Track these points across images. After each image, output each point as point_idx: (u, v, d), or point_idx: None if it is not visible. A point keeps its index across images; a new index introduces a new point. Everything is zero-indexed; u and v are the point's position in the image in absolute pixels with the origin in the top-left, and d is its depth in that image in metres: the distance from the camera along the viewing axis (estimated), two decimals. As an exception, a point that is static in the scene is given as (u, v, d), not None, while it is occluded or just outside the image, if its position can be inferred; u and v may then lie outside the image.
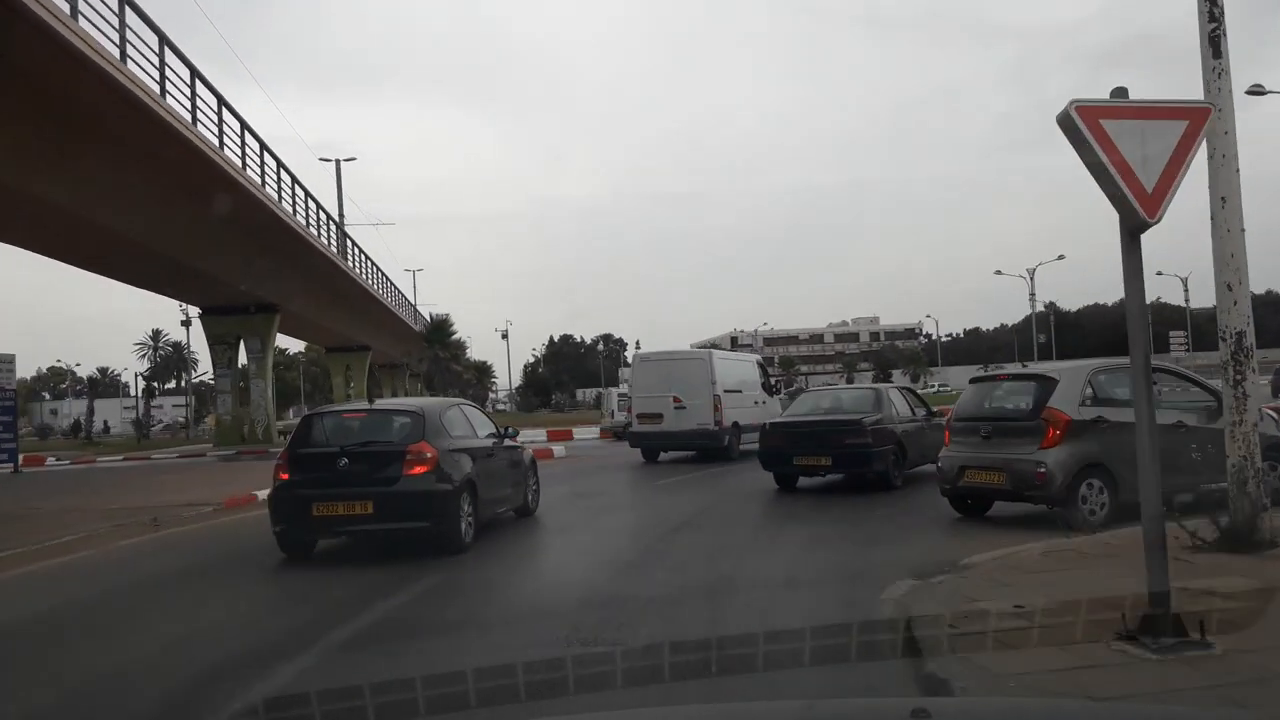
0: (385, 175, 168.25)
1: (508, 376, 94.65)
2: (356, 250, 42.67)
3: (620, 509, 13.38)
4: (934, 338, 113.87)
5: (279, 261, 31.12)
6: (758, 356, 24.33)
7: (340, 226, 43.00)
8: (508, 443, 11.22)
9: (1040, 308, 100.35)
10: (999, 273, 60.43)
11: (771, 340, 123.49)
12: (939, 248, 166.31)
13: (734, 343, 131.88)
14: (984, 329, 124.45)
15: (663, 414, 19.43)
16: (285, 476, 9.11)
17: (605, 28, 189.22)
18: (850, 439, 12.67)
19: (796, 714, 2.05)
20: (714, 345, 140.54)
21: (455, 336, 52.04)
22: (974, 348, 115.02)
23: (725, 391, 19.46)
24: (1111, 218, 4.65)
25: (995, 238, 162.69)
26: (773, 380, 22.86)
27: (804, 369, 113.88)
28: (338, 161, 48.85)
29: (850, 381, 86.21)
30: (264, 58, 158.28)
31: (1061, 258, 59.86)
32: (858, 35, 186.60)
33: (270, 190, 27.54)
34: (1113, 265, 4.58)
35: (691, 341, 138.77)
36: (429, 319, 53.52)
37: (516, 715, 3.14)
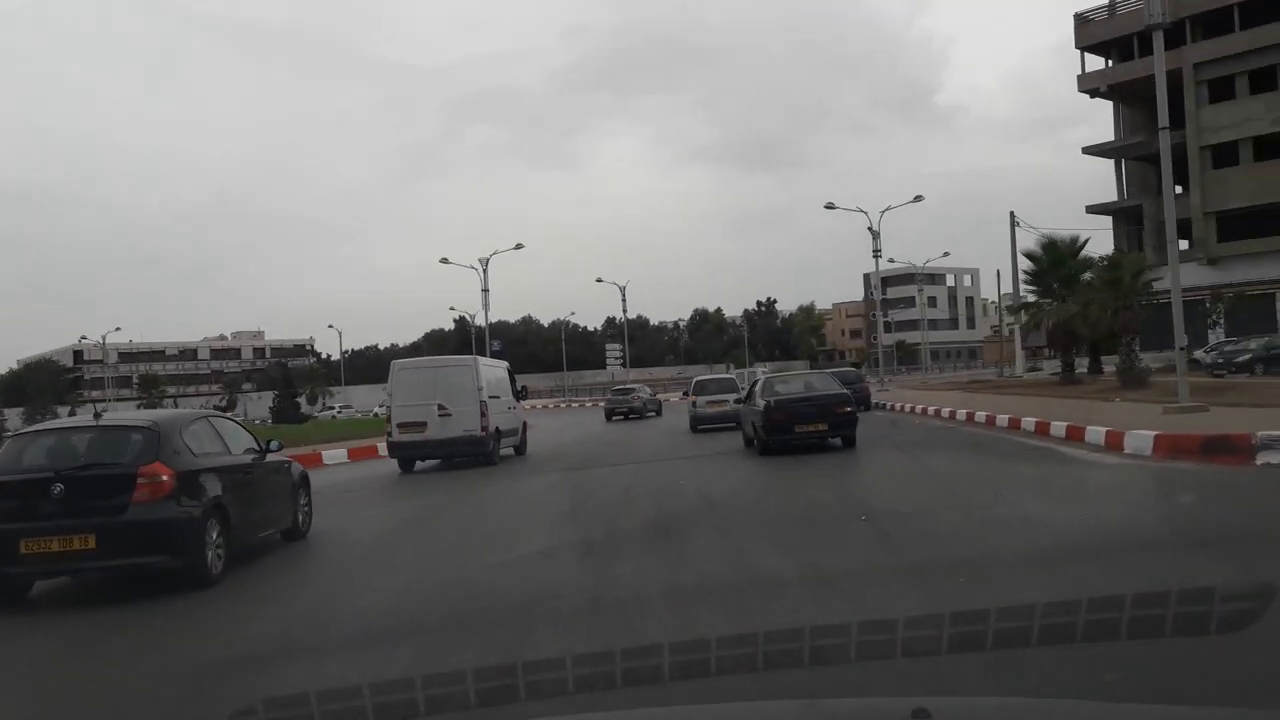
0: None
1: None
2: None
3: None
4: (330, 356, 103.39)
5: None
6: (507, 364, 24.05)
7: None
8: (271, 457, 9.86)
9: (451, 324, 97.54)
10: (445, 261, 55.42)
11: (131, 355, 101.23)
12: (326, 267, 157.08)
13: (78, 356, 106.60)
14: (380, 346, 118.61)
15: (426, 422, 18.69)
16: None
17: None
18: (841, 408, 16.53)
19: (796, 713, 2.10)
20: (50, 360, 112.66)
21: None
22: (377, 365, 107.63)
23: (490, 398, 19.29)
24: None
25: (385, 259, 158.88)
26: (519, 387, 23.05)
27: (172, 390, 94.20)
28: None
29: (232, 402, 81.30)
30: None
31: (518, 248, 55.57)
32: (233, 50, 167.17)
33: None
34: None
35: (18, 357, 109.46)
36: None
37: (516, 715, 2.92)
